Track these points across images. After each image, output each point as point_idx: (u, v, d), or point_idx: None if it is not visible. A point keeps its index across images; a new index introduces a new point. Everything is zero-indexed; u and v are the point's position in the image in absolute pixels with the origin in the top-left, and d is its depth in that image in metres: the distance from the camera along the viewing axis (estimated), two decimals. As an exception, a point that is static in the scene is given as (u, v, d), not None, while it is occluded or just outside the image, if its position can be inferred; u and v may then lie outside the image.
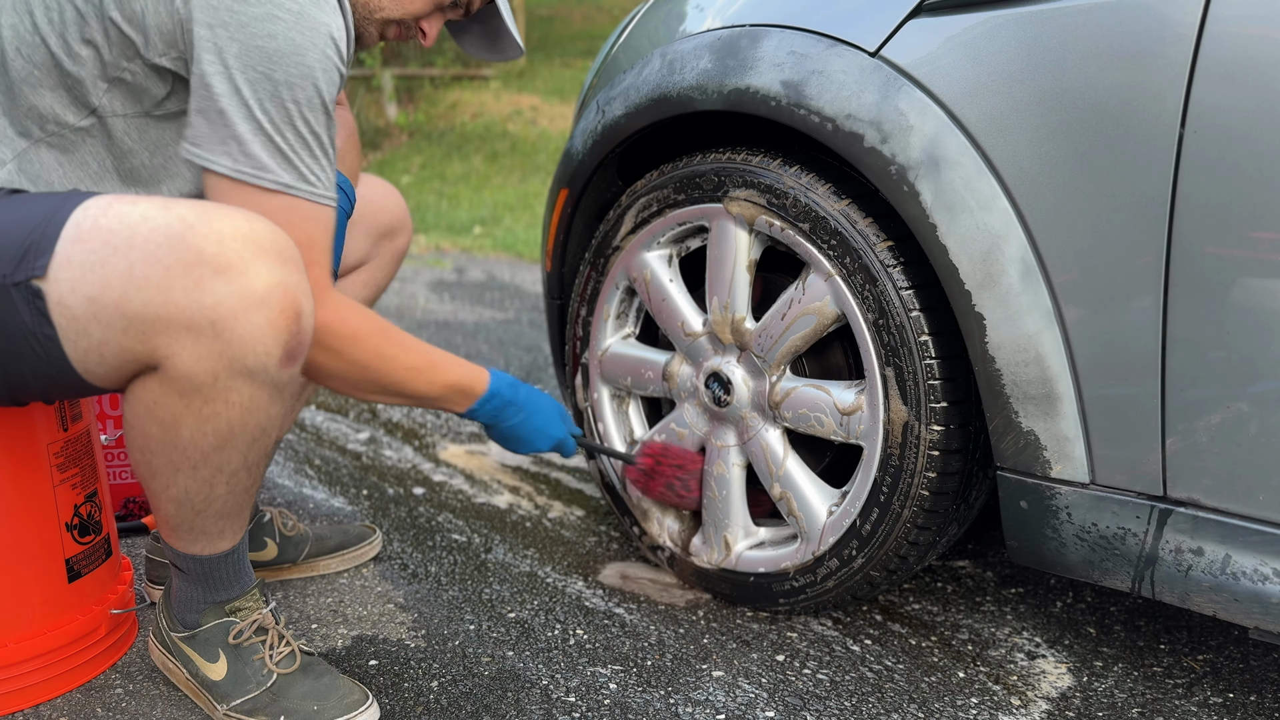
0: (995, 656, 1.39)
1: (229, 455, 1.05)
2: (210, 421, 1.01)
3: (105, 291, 0.95)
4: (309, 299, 1.01)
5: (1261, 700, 1.30)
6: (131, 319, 0.95)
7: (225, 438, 1.03)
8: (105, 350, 0.98)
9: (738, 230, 1.38)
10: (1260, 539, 1.05)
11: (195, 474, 1.06)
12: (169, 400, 1.00)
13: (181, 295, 0.94)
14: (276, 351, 0.99)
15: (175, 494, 1.08)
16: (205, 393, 0.99)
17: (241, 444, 1.05)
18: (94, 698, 1.26)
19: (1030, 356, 1.14)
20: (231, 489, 1.09)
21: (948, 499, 1.28)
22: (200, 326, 0.95)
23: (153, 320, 0.95)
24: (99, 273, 0.95)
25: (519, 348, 3.02)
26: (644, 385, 1.58)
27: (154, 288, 0.95)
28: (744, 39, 1.34)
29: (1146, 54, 1.02)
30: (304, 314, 1.00)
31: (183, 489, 1.07)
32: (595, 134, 1.55)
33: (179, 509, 1.10)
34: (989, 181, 1.13)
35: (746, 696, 1.29)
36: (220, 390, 0.99)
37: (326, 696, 1.18)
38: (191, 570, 1.18)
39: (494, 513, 1.84)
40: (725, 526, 1.48)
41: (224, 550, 1.16)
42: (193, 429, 1.01)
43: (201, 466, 1.05)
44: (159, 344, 0.96)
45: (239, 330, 0.96)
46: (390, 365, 1.19)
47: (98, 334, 0.97)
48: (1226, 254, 1.01)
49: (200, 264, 0.95)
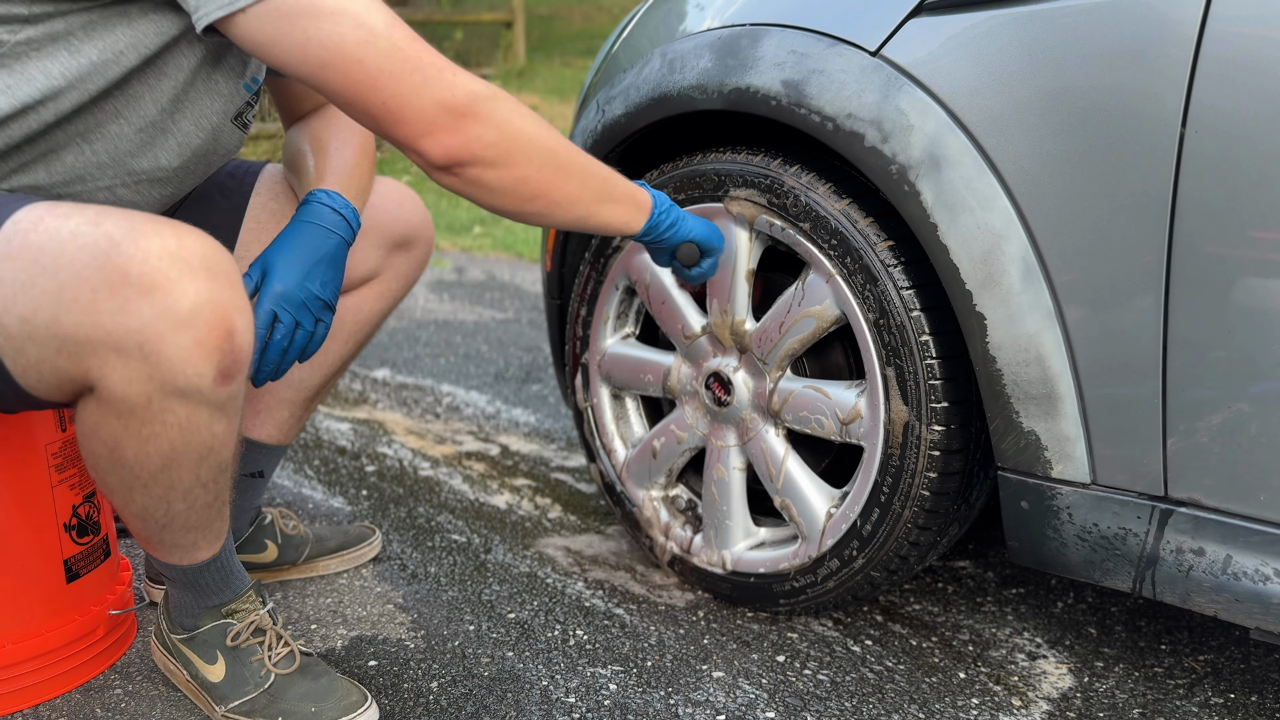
0: (996, 657, 1.39)
1: (178, 474, 1.02)
2: (151, 442, 0.98)
3: (37, 313, 0.92)
4: (243, 314, 0.96)
5: (1263, 701, 1.30)
6: (64, 340, 0.92)
7: (169, 458, 1.00)
8: (43, 369, 0.95)
9: (738, 230, 1.38)
10: (1261, 539, 1.05)
11: (148, 492, 1.04)
12: (108, 421, 0.97)
13: (108, 318, 0.91)
14: (209, 371, 0.94)
15: (135, 510, 1.07)
16: (141, 415, 0.96)
17: (189, 463, 1.01)
18: (93, 698, 1.26)
19: (1031, 356, 1.14)
20: (190, 505, 1.07)
21: (948, 499, 1.28)
22: (128, 349, 0.92)
23: (83, 342, 0.92)
24: (30, 293, 0.92)
25: (519, 348, 3.02)
26: (644, 385, 1.58)
27: (82, 310, 0.91)
28: (744, 38, 1.34)
29: (1147, 54, 1.02)
30: (236, 331, 0.95)
31: (140, 506, 1.06)
32: (595, 134, 1.54)
33: (143, 524, 1.09)
34: (990, 181, 1.13)
35: (747, 697, 1.28)
36: (156, 412, 0.96)
37: (325, 698, 1.17)
38: (177, 579, 1.17)
39: (494, 513, 1.84)
40: (725, 527, 1.48)
41: (202, 560, 1.15)
42: (135, 450, 0.99)
43: (152, 485, 1.03)
44: (91, 366, 0.93)
45: (166, 352, 0.92)
46: (562, 138, 1.13)
47: (34, 353, 0.94)
48: (1227, 254, 1.01)
49: (125, 285, 0.90)
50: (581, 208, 1.14)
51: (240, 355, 0.97)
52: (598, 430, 1.65)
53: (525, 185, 1.08)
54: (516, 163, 1.06)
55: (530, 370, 2.78)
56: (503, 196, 1.08)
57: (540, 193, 1.10)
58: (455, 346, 3.01)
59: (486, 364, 2.83)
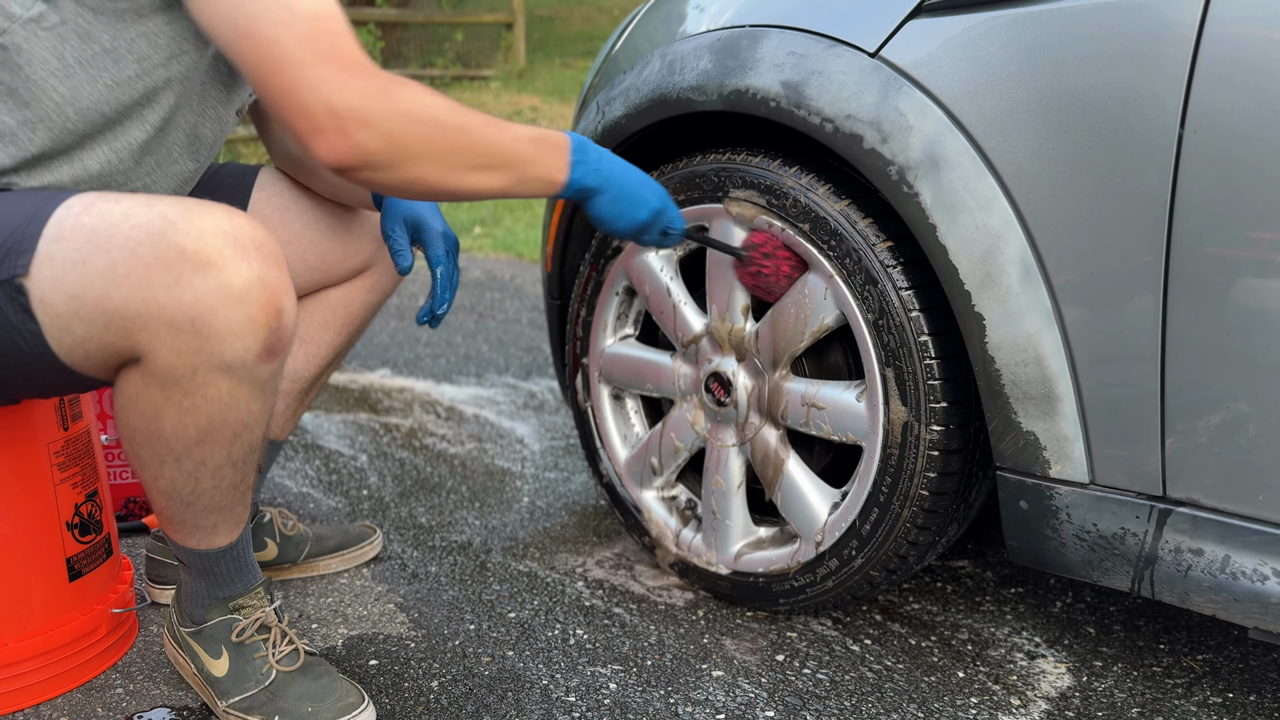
0: (995, 656, 1.39)
1: (211, 450, 1.06)
2: (190, 414, 1.02)
3: (87, 289, 0.96)
4: (290, 296, 1.01)
5: (1261, 700, 1.30)
6: (113, 315, 0.96)
7: (206, 431, 1.03)
8: (89, 346, 0.99)
9: (738, 231, 1.38)
10: (1260, 539, 1.05)
11: (179, 466, 1.06)
12: (150, 393, 1.01)
13: (162, 292, 0.95)
14: (255, 347, 0.99)
15: (163, 485, 1.09)
16: (184, 386, 0.99)
17: (223, 439, 1.05)
18: (94, 697, 1.26)
19: (1030, 356, 1.14)
20: (217, 484, 1.09)
21: (947, 499, 1.28)
22: (180, 323, 0.96)
23: (134, 317, 0.96)
24: (81, 271, 0.96)
25: (519, 348, 3.02)
26: (643, 386, 1.58)
27: (135, 285, 0.95)
28: (744, 39, 1.34)
29: (1146, 54, 1.03)
30: (284, 310, 1.00)
31: (169, 481, 1.08)
32: (595, 135, 1.55)
33: (168, 501, 1.11)
34: (989, 182, 1.13)
35: (746, 696, 1.29)
36: (199, 384, 1.00)
37: (323, 698, 1.18)
38: (193, 565, 1.18)
39: (494, 512, 1.84)
40: (725, 527, 1.48)
41: (221, 546, 1.17)
42: (173, 421, 1.02)
43: (185, 459, 1.06)
44: (140, 340, 0.97)
45: (218, 326, 0.96)
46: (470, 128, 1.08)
47: (80, 330, 0.98)
48: (1226, 254, 1.01)
49: (181, 261, 0.95)
50: (491, 193, 1.12)
51: (285, 334, 1.02)
52: (598, 430, 1.66)
53: (421, 184, 1.05)
54: (408, 166, 1.03)
55: (530, 370, 2.79)
56: (402, 194, 1.07)
57: (440, 189, 1.07)
58: (455, 347, 3.02)
59: (487, 364, 2.84)
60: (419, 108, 1.02)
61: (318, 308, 1.45)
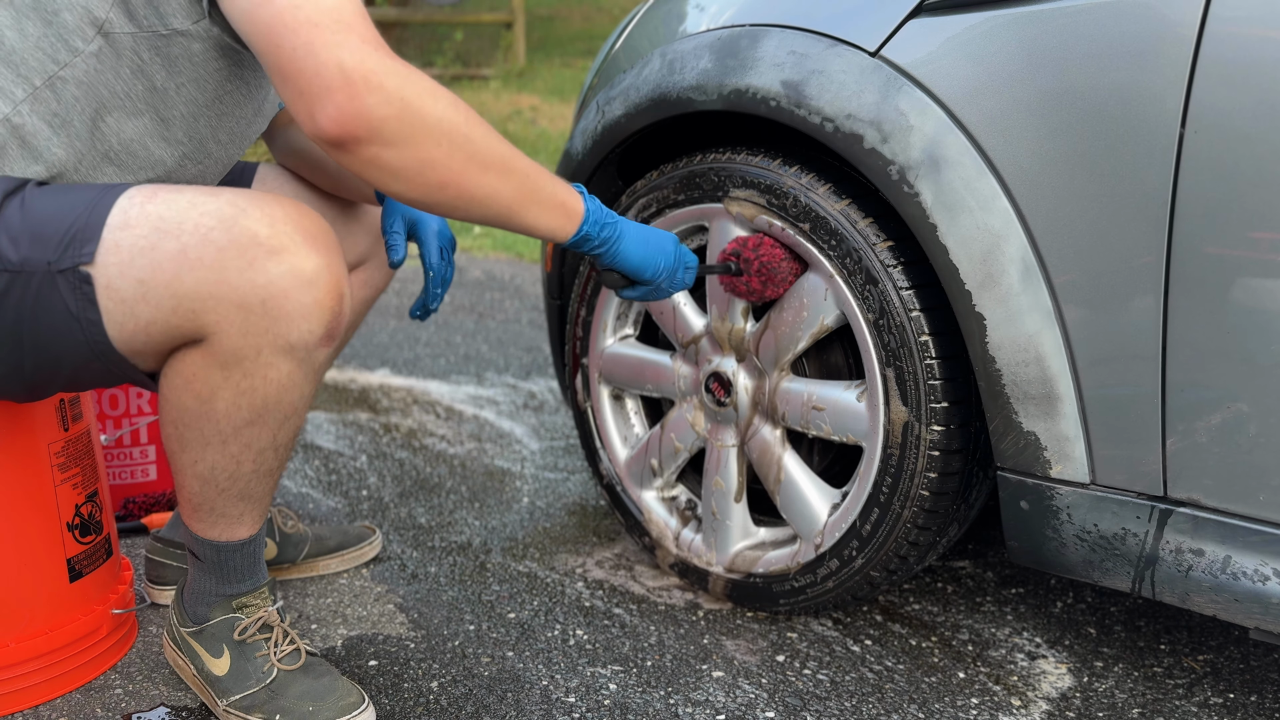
0: (995, 657, 1.39)
1: (259, 431, 1.08)
2: (246, 395, 1.05)
3: (156, 273, 0.99)
4: (348, 283, 1.07)
5: (1262, 700, 1.30)
6: (181, 298, 1.00)
7: (259, 412, 1.07)
8: (152, 330, 1.02)
9: (738, 230, 1.38)
10: (1261, 539, 1.05)
11: (225, 449, 1.09)
12: (209, 373, 1.04)
13: (235, 274, 0.99)
14: (319, 330, 1.04)
15: (202, 469, 1.11)
16: (246, 366, 1.03)
17: (273, 421, 1.08)
18: (94, 698, 1.26)
19: (1030, 356, 1.14)
20: (257, 469, 1.12)
21: (948, 499, 1.28)
22: (251, 304, 1.00)
23: (205, 299, 1.00)
24: (150, 256, 0.99)
25: (519, 348, 3.02)
26: (643, 386, 1.58)
27: (207, 268, 0.99)
28: (744, 39, 1.34)
29: (1147, 54, 1.02)
30: (345, 296, 1.06)
31: (210, 464, 1.10)
32: (595, 134, 1.54)
33: (203, 486, 1.12)
34: (989, 181, 1.13)
35: (746, 697, 1.29)
36: (261, 365, 1.03)
37: (323, 698, 1.18)
38: (208, 558, 1.18)
39: (494, 512, 1.84)
40: (725, 527, 1.48)
41: (241, 538, 1.18)
42: (228, 401, 1.05)
43: (231, 441, 1.08)
44: (208, 321, 1.01)
45: (288, 308, 1.01)
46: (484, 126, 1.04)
47: (145, 314, 1.01)
48: (1227, 254, 1.01)
49: (254, 245, 0.99)
50: (500, 205, 1.06)
51: (343, 318, 1.07)
52: (597, 430, 1.65)
53: (431, 170, 0.99)
54: (419, 143, 0.97)
55: (530, 370, 2.78)
56: (406, 182, 1.00)
57: (449, 181, 1.01)
58: (455, 347, 3.01)
59: (486, 364, 2.83)
60: (436, 88, 0.99)
61: None
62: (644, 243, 1.22)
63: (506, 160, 1.06)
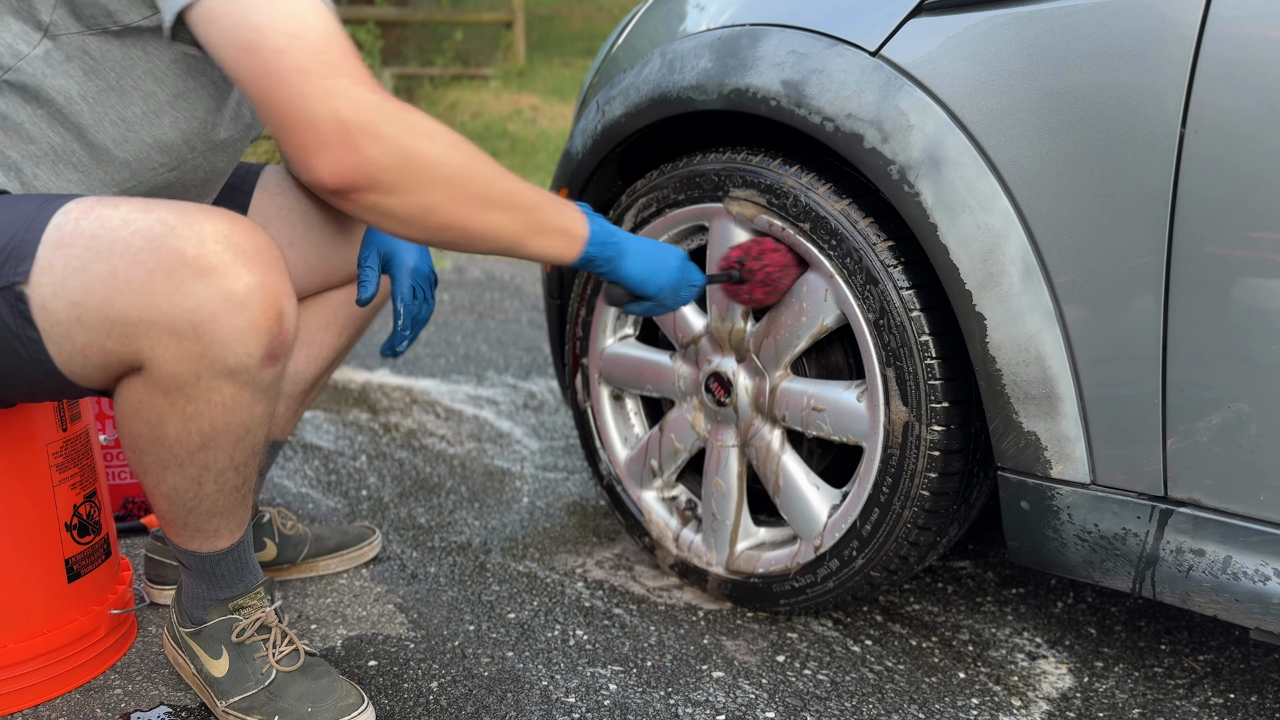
0: (996, 657, 1.39)
1: (214, 454, 1.05)
2: (194, 420, 1.01)
3: (88, 296, 0.95)
4: (290, 299, 1.01)
5: (1262, 701, 1.30)
6: (114, 322, 0.95)
7: (209, 436, 1.03)
8: (89, 353, 0.98)
9: (738, 230, 1.38)
10: (1261, 539, 1.05)
11: (183, 471, 1.06)
12: (154, 400, 1.00)
13: (164, 299, 0.94)
14: (258, 352, 0.99)
15: (166, 491, 1.09)
16: (188, 392, 0.99)
17: (226, 443, 1.05)
18: (93, 698, 1.26)
19: (1031, 356, 1.14)
20: (220, 487, 1.09)
21: (948, 499, 1.28)
22: (182, 329, 0.95)
23: (135, 323, 0.95)
24: (81, 278, 0.95)
25: (519, 348, 3.02)
26: (643, 386, 1.58)
27: (136, 291, 0.94)
28: (744, 38, 1.34)
29: (1147, 53, 1.02)
30: (285, 314, 1.00)
31: (172, 486, 1.08)
32: (595, 134, 1.54)
33: (171, 506, 1.11)
34: (990, 181, 1.13)
35: (747, 697, 1.28)
36: (203, 390, 0.99)
37: (323, 698, 1.18)
38: (194, 567, 1.18)
39: (494, 512, 1.84)
40: (725, 527, 1.48)
41: (222, 548, 1.17)
42: (177, 428, 1.02)
43: (188, 464, 1.05)
44: (142, 346, 0.96)
45: (220, 332, 0.96)
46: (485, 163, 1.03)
47: (81, 337, 0.97)
48: (1227, 254, 1.01)
49: (182, 266, 0.94)
50: (504, 239, 1.06)
51: (286, 338, 1.01)
52: (597, 430, 1.65)
53: (432, 215, 0.99)
54: (419, 189, 0.97)
55: (530, 370, 2.78)
56: (408, 225, 1.00)
57: (451, 224, 1.01)
58: (455, 347, 3.01)
59: (486, 364, 2.83)
60: (434, 129, 0.98)
61: (319, 309, 1.44)
62: (647, 260, 1.22)
63: (509, 196, 1.05)
